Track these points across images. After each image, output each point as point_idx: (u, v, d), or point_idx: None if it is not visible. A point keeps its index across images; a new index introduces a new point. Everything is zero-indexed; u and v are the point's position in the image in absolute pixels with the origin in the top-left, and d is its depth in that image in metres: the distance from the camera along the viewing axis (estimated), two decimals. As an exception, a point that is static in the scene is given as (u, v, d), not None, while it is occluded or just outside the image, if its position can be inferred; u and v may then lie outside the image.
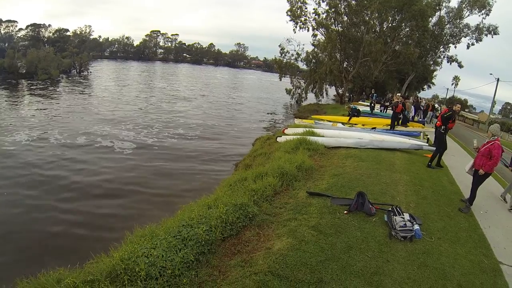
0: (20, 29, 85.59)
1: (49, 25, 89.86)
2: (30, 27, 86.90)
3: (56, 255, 7.26)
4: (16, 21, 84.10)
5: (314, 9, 36.71)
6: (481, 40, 37.35)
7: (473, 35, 37.49)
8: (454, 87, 75.36)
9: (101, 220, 9.24)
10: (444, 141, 10.60)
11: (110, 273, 4.28)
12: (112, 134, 18.30)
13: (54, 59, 48.56)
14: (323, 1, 36.05)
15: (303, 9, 37.07)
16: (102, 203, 10.23)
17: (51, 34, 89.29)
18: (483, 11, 35.48)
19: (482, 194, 8.58)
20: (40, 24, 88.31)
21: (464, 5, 36.60)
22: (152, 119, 23.31)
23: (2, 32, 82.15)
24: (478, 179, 7.18)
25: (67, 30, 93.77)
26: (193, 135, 19.69)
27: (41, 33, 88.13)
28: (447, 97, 67.88)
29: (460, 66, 40.84)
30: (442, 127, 10.47)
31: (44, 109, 24.32)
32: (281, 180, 8.02)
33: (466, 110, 65.69)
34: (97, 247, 5.64)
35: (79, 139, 16.81)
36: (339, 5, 35.20)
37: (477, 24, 36.96)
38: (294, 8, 37.02)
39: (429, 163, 10.50)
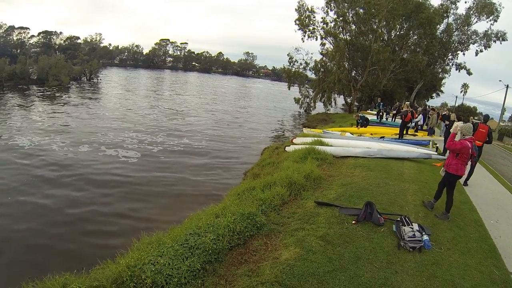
0: (32, 36, 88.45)
1: (61, 33, 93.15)
2: (42, 34, 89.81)
3: (63, 261, 7.34)
4: (28, 28, 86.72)
5: (322, 18, 37.01)
6: (489, 47, 37.18)
7: (482, 42, 37.35)
8: (463, 95, 74.91)
9: (108, 227, 9.30)
10: None
11: (116, 279, 4.32)
12: (117, 142, 18.43)
13: (65, 66, 49.35)
14: (331, 10, 36.33)
15: (311, 18, 37.27)
16: (108, 211, 10.30)
17: (62, 41, 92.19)
18: (491, 17, 35.39)
19: (493, 203, 8.53)
20: (52, 32, 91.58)
21: (472, 12, 36.55)
22: (159, 127, 23.43)
23: (15, 38, 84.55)
24: (445, 180, 7.00)
25: (78, 38, 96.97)
26: (201, 144, 19.76)
27: (52, 40, 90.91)
28: (456, 104, 67.35)
29: (469, 73, 40.54)
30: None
31: (52, 115, 24.70)
32: (289, 189, 8.01)
33: (476, 118, 64.97)
34: (103, 253, 5.68)
35: (84, 146, 16.97)
36: (347, 14, 35.35)
37: (485, 31, 36.87)
38: (302, 17, 37.21)
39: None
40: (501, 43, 36.53)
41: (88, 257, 6.59)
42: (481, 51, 37.65)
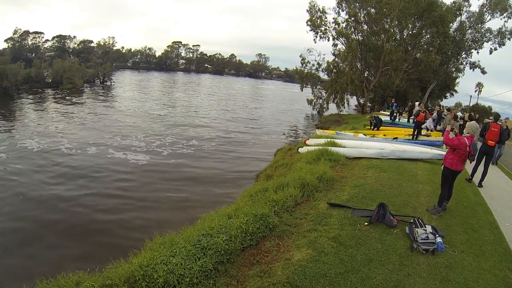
0: (47, 40, 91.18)
1: (74, 37, 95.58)
2: (56, 38, 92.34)
3: (76, 259, 7.47)
4: (43, 33, 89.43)
5: (334, 18, 36.84)
6: (504, 45, 36.46)
7: (496, 40, 36.68)
8: (478, 94, 73.30)
9: (121, 227, 9.43)
10: None
11: (129, 278, 4.39)
12: (127, 144, 18.53)
13: (79, 69, 50.21)
14: (342, 10, 36.19)
15: (323, 18, 37.18)
16: (121, 211, 10.43)
17: (76, 45, 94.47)
18: (505, 14, 34.71)
19: (508, 205, 8.39)
20: (66, 36, 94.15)
21: (485, 9, 35.95)
22: (171, 129, 23.57)
23: (30, 43, 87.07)
24: (442, 173, 7.12)
25: (91, 41, 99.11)
26: (214, 146, 19.83)
27: (66, 44, 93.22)
28: (471, 104, 66.14)
29: (483, 72, 39.80)
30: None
31: (64, 117, 25.16)
32: (302, 191, 8.03)
33: (491, 117, 63.64)
34: (116, 253, 5.78)
35: (97, 147, 17.20)
36: (359, 14, 35.14)
37: (499, 28, 36.23)
38: (314, 18, 37.14)
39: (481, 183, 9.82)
40: (516, 41, 35.88)
41: (101, 257, 6.70)
42: (495, 49, 36.99)
